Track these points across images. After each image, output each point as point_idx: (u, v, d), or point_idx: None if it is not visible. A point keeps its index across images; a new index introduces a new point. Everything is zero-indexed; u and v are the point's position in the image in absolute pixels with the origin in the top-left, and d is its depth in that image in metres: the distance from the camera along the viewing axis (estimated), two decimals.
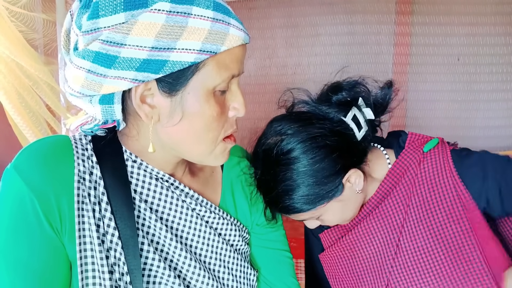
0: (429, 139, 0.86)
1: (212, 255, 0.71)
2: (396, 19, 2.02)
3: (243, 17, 2.16)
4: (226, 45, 0.56)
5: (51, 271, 0.59)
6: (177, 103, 0.58)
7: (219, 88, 0.59)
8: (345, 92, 0.81)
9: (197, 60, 0.55)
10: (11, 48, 1.18)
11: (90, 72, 0.55)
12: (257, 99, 2.21)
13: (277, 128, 0.79)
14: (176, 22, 0.53)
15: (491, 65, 2.03)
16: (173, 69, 0.54)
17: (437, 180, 0.81)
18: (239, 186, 0.78)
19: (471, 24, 2.00)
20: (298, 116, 0.81)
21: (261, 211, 0.79)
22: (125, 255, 0.60)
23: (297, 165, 0.75)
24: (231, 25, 0.57)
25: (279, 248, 0.82)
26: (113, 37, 0.52)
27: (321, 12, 2.07)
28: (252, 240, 0.80)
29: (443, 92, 2.07)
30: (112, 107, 0.58)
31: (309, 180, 0.75)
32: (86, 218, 0.59)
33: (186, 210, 0.68)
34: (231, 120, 0.64)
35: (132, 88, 0.57)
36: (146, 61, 0.53)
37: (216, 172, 0.77)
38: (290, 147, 0.76)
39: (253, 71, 2.19)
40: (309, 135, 0.76)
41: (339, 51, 2.09)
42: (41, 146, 0.60)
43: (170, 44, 0.53)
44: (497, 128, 2.09)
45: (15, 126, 1.26)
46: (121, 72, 0.54)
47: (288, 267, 0.82)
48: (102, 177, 0.62)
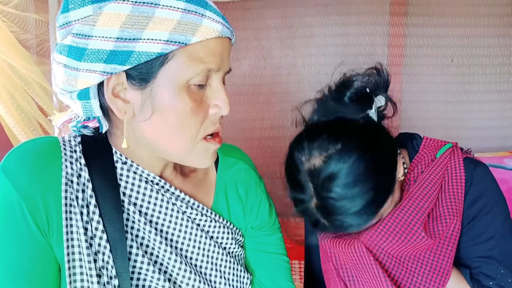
0: (443, 144, 0.86)
1: (204, 258, 0.70)
2: (390, 20, 2.03)
3: (238, 18, 2.17)
4: (197, 36, 0.55)
5: (41, 273, 0.58)
6: (147, 96, 0.57)
7: (193, 82, 0.57)
8: (357, 85, 0.79)
9: (164, 51, 0.54)
10: (2, 49, 1.17)
11: (66, 66, 0.56)
12: (251, 100, 2.20)
13: (315, 147, 0.74)
14: (142, 12, 0.52)
15: (485, 66, 2.04)
16: (139, 60, 0.54)
17: (446, 187, 0.82)
18: (233, 188, 0.76)
19: (465, 26, 2.01)
20: (331, 128, 0.76)
21: (255, 214, 0.78)
22: (114, 258, 0.59)
23: (356, 186, 0.71)
24: (206, 17, 0.56)
25: (275, 252, 0.80)
26: (82, 29, 0.53)
27: (316, 13, 2.07)
28: (246, 243, 0.79)
29: (437, 93, 2.07)
30: (90, 103, 0.58)
31: (370, 193, 0.72)
32: (74, 221, 0.59)
33: (176, 213, 0.67)
34: (212, 118, 0.62)
35: (104, 82, 0.56)
36: (113, 52, 0.53)
37: (209, 174, 0.76)
38: (344, 167, 0.71)
39: (248, 72, 2.18)
40: (355, 147, 0.72)
41: (334, 52, 2.10)
42: (29, 148, 0.60)
43: (136, 34, 0.53)
44: (491, 129, 2.09)
45: (7, 127, 1.25)
46: (90, 64, 0.54)
47: (284, 271, 0.81)
48: (91, 180, 0.61)
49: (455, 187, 0.82)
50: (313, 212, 0.75)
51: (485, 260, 0.81)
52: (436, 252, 0.80)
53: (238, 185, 0.76)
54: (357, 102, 0.78)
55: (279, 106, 2.21)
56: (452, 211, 0.81)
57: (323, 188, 0.72)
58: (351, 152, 0.71)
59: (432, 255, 0.81)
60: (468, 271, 0.82)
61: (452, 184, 0.82)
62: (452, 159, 0.84)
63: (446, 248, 0.80)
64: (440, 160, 0.83)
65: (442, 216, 0.81)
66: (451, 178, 0.83)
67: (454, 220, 0.80)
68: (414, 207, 0.80)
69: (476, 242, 0.82)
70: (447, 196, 0.82)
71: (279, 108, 2.22)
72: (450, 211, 0.81)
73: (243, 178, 0.78)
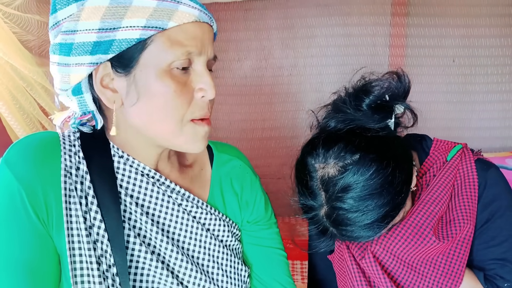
0: (453, 146, 0.85)
1: (201, 250, 0.71)
2: (391, 21, 2.03)
3: (239, 19, 2.17)
4: (174, 20, 0.58)
5: (41, 263, 0.60)
6: (131, 82, 0.59)
7: (175, 65, 0.59)
8: (377, 91, 0.76)
9: (143, 36, 0.57)
10: (4, 50, 1.17)
11: (59, 64, 0.59)
12: (252, 101, 2.20)
13: (331, 155, 0.71)
14: (120, 3, 0.56)
15: (486, 67, 2.04)
16: (120, 48, 0.57)
17: (459, 191, 0.81)
18: (228, 184, 0.77)
19: (466, 26, 2.01)
20: (348, 137, 0.73)
21: (251, 208, 0.79)
22: (111, 247, 0.62)
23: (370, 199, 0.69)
24: (182, 3, 0.59)
25: (272, 246, 0.81)
26: (68, 26, 0.57)
27: (317, 14, 2.07)
28: (243, 238, 0.80)
29: (439, 93, 2.07)
30: (83, 97, 0.62)
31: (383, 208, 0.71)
32: (73, 210, 0.61)
33: (172, 205, 0.68)
34: (200, 102, 0.63)
35: (93, 74, 0.59)
36: (97, 43, 0.57)
37: (205, 170, 0.77)
38: (360, 179, 0.69)
39: (249, 73, 2.18)
40: (374, 160, 0.69)
41: (335, 53, 2.10)
42: (30, 142, 0.62)
43: (115, 24, 0.56)
44: (492, 129, 2.09)
45: (9, 128, 1.25)
46: (79, 58, 0.58)
47: (282, 265, 0.81)
48: (89, 172, 0.63)
49: (469, 191, 0.82)
50: (322, 221, 0.74)
51: (499, 263, 0.80)
52: (448, 256, 0.80)
53: (233, 181, 0.77)
54: (376, 110, 0.75)
55: (280, 107, 2.22)
56: (466, 215, 0.80)
57: (336, 198, 0.70)
58: (369, 165, 0.69)
59: (444, 259, 0.80)
60: (482, 273, 0.81)
61: (465, 188, 0.82)
62: (464, 162, 0.83)
63: (459, 252, 0.80)
64: (452, 163, 0.83)
65: (456, 220, 0.80)
66: (463, 181, 0.82)
67: (468, 224, 0.80)
68: (424, 211, 0.79)
69: (490, 245, 0.81)
70: (461, 199, 0.82)
71: (281, 109, 2.23)
72: (464, 215, 0.80)
73: (238, 174, 0.78)
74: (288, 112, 2.21)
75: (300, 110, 2.18)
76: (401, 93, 0.78)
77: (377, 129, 0.74)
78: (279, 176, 2.41)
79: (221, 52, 2.15)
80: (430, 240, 0.78)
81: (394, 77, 0.78)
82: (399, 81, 0.78)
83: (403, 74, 0.78)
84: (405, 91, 0.79)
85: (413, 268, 0.81)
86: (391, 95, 0.76)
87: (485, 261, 0.82)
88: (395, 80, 0.78)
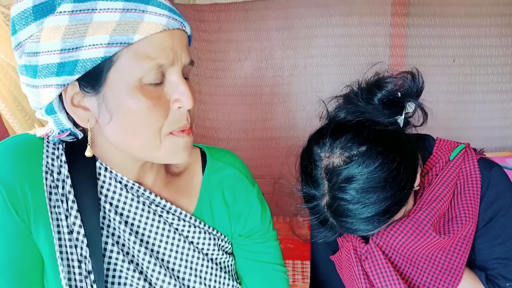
0: (456, 145, 0.85)
1: (182, 263, 0.68)
2: (392, 21, 2.03)
3: (239, 19, 2.17)
4: (140, 33, 0.54)
5: (26, 261, 0.60)
6: (101, 101, 0.57)
7: (146, 80, 0.56)
8: (390, 87, 0.75)
9: (107, 54, 0.53)
10: (6, 52, 1.18)
11: (28, 85, 0.57)
12: (253, 101, 2.21)
13: (337, 145, 0.71)
14: (79, 20, 0.53)
15: (487, 66, 2.04)
16: (85, 68, 0.54)
17: (461, 189, 0.81)
18: (219, 194, 0.73)
19: (467, 26, 2.01)
20: (357, 128, 0.72)
21: (244, 221, 0.74)
22: (90, 252, 0.61)
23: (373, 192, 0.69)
24: (147, 12, 0.54)
25: (268, 261, 0.76)
26: (30, 47, 0.54)
27: (317, 14, 2.07)
28: (235, 252, 0.76)
29: (439, 93, 2.07)
30: (57, 117, 0.60)
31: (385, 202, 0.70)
32: (55, 208, 0.61)
33: (153, 216, 0.66)
34: (177, 115, 0.59)
35: (62, 94, 0.57)
36: (61, 64, 0.54)
37: (195, 178, 0.73)
38: (364, 171, 0.69)
39: (249, 73, 2.19)
40: (380, 153, 0.69)
41: (335, 53, 2.10)
42: (13, 142, 0.62)
43: (77, 43, 0.53)
44: (493, 129, 2.09)
45: (10, 128, 1.26)
46: (45, 80, 0.55)
47: (279, 281, 0.76)
48: (70, 176, 0.62)
49: (471, 189, 0.82)
50: (323, 211, 0.74)
51: (502, 262, 0.80)
52: (449, 252, 0.80)
53: (225, 191, 0.73)
54: (387, 105, 0.75)
55: (281, 107, 2.22)
56: (468, 214, 0.80)
57: (339, 188, 0.70)
58: (376, 157, 0.68)
59: (444, 255, 0.80)
60: (484, 273, 0.81)
61: (468, 187, 0.82)
62: (467, 161, 0.83)
63: (459, 249, 0.80)
64: (454, 162, 0.83)
65: (458, 217, 0.80)
66: (466, 180, 0.82)
67: (469, 222, 0.80)
68: (425, 208, 0.79)
69: (493, 244, 0.81)
70: (463, 198, 0.82)
71: (281, 109, 2.23)
72: (467, 213, 0.80)
73: (231, 183, 0.74)
74: (288, 113, 2.21)
75: (300, 110, 2.18)
76: (413, 92, 0.78)
77: (386, 124, 0.74)
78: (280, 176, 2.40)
79: (222, 52, 2.15)
80: (430, 235, 0.78)
81: (409, 76, 0.77)
82: (413, 80, 0.77)
83: (418, 74, 0.78)
84: (418, 91, 0.78)
85: (412, 263, 0.81)
86: (403, 93, 0.76)
87: (488, 260, 0.82)
88: (409, 79, 0.77)
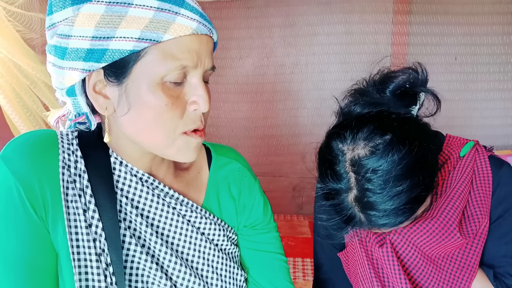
0: (465, 142, 0.86)
1: (195, 253, 0.71)
2: (393, 19, 2.03)
3: (241, 16, 2.18)
4: (170, 33, 0.57)
5: (40, 258, 0.60)
6: (123, 92, 0.59)
7: (168, 79, 0.58)
8: (398, 80, 0.75)
9: (136, 48, 0.56)
10: (8, 48, 1.18)
11: (54, 65, 0.60)
12: (254, 99, 2.21)
13: (360, 137, 0.71)
14: (115, 12, 0.56)
15: (488, 65, 2.04)
16: (113, 58, 0.57)
17: (474, 186, 0.82)
18: (225, 188, 0.76)
19: (469, 24, 2.00)
20: (378, 119, 0.72)
21: (248, 212, 0.78)
22: (108, 246, 0.63)
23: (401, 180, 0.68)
24: (180, 15, 0.57)
25: (271, 251, 0.80)
26: (63, 30, 0.57)
27: (319, 12, 2.07)
28: (240, 242, 0.79)
29: (441, 91, 2.05)
30: (77, 99, 0.62)
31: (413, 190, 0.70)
32: (73, 203, 0.61)
33: (167, 208, 0.68)
34: (192, 115, 0.61)
35: (86, 79, 0.60)
36: (90, 51, 0.57)
37: (202, 173, 0.76)
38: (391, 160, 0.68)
39: (251, 71, 2.19)
40: (406, 139, 0.68)
41: (337, 51, 2.10)
42: (27, 138, 0.63)
43: (109, 33, 0.56)
44: (494, 127, 2.09)
45: (12, 125, 1.26)
46: (72, 63, 0.58)
47: (281, 270, 0.80)
48: (86, 170, 0.64)
49: (483, 186, 0.83)
50: (350, 206, 0.72)
51: (509, 260, 0.81)
52: (465, 250, 0.81)
53: (231, 185, 0.76)
54: (400, 96, 0.75)
55: (282, 105, 2.22)
56: (482, 210, 0.81)
57: (367, 180, 0.69)
58: (402, 144, 0.68)
59: (461, 253, 0.82)
60: (492, 271, 0.82)
61: (481, 184, 0.83)
62: (478, 158, 0.84)
63: (475, 246, 0.81)
64: (466, 159, 0.84)
65: (474, 215, 0.82)
66: (478, 177, 0.84)
67: (485, 219, 0.81)
68: (451, 207, 0.80)
69: (500, 242, 0.82)
70: (477, 195, 0.83)
71: (282, 107, 2.23)
72: (482, 210, 0.81)
73: (236, 177, 0.77)
74: (290, 110, 2.21)
75: (301, 108, 2.18)
76: (419, 83, 0.79)
77: (406, 114, 0.74)
78: (281, 174, 2.42)
79: (223, 50, 2.15)
80: (455, 235, 0.79)
81: (413, 68, 0.79)
82: (416, 73, 0.78)
83: (421, 67, 0.78)
84: (423, 81, 0.79)
85: (432, 261, 0.82)
86: (411, 83, 0.76)
87: (496, 258, 0.83)
88: (413, 72, 0.79)
